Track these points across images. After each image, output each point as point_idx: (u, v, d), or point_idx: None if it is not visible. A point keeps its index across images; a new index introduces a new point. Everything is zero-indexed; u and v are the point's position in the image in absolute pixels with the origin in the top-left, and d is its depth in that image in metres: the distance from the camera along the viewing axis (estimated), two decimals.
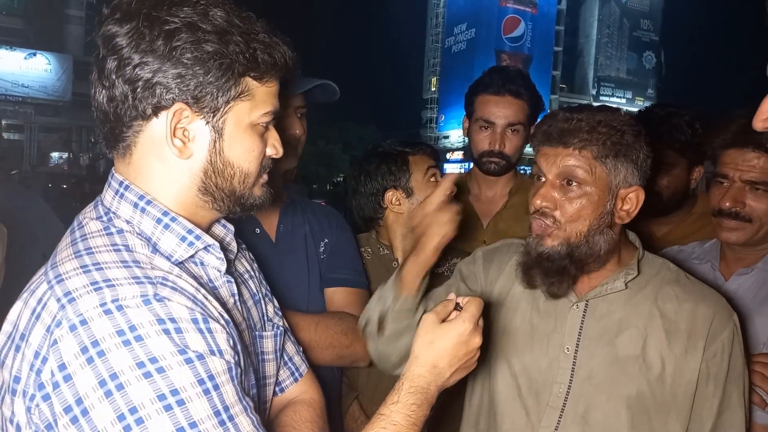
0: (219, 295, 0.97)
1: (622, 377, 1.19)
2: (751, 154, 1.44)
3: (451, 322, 1.03)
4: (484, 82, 2.00)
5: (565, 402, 1.22)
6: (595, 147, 1.16)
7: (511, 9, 50.33)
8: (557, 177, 1.19)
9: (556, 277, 1.20)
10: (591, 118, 1.17)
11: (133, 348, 0.76)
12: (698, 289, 1.26)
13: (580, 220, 1.18)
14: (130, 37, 0.85)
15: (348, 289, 1.63)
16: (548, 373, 1.24)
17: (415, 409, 0.96)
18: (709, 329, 1.18)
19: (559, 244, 1.19)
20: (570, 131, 1.17)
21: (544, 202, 1.19)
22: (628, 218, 1.21)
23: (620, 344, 1.21)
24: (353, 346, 1.53)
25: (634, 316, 1.22)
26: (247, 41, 0.89)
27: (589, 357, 1.22)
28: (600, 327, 1.23)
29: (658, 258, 1.32)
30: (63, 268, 0.83)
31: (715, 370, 1.18)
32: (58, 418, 0.76)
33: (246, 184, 0.96)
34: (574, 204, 1.18)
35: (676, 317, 1.21)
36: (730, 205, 1.47)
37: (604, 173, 1.17)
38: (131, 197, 0.91)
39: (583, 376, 1.21)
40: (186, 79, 0.86)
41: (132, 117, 0.88)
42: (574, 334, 1.24)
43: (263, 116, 0.95)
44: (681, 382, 1.17)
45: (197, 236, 0.93)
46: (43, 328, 0.78)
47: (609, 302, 1.24)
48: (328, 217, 1.73)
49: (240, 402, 0.83)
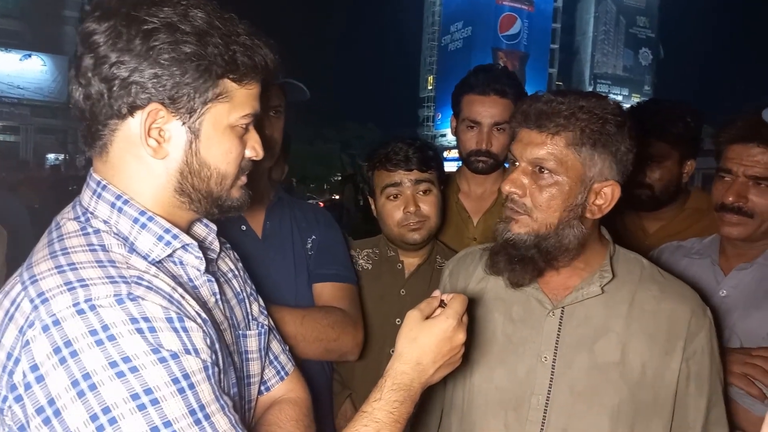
0: (199, 295, 0.96)
1: (602, 385, 1.15)
2: (756, 150, 1.44)
3: (435, 319, 1.03)
4: (470, 82, 1.99)
5: (545, 414, 1.17)
6: (571, 133, 1.09)
7: (508, 7, 50.41)
8: (529, 163, 1.13)
9: (519, 266, 1.16)
10: (573, 102, 1.11)
11: (105, 348, 0.75)
12: (674, 287, 1.22)
13: (550, 211, 1.13)
14: (108, 36, 0.85)
15: (336, 284, 1.62)
16: (525, 385, 1.20)
17: (397, 406, 0.95)
18: (688, 328, 1.15)
19: (526, 233, 1.14)
20: (547, 114, 1.11)
21: (513, 188, 1.14)
22: (599, 214, 1.16)
23: (599, 350, 1.17)
24: (341, 339, 1.51)
25: (612, 320, 1.18)
26: (227, 43, 0.89)
27: (568, 366, 1.18)
28: (578, 334, 1.18)
29: (630, 253, 1.28)
30: (38, 268, 0.82)
31: (696, 369, 1.15)
32: (31, 420, 0.75)
33: (223, 185, 0.95)
34: (543, 193, 1.12)
35: (655, 319, 1.17)
36: (733, 199, 1.47)
37: (579, 162, 1.11)
38: (108, 197, 0.91)
39: (563, 385, 1.17)
40: (162, 80, 0.86)
41: (108, 116, 0.88)
42: (551, 342, 1.19)
43: (242, 118, 0.94)
44: (662, 385, 1.15)
45: (174, 235, 0.92)
46: (16, 329, 0.78)
47: (586, 307, 1.19)
48: (316, 214, 1.73)
49: (217, 401, 0.83)
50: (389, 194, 1.73)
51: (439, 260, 1.83)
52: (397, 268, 1.81)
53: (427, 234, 1.74)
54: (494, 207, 2.05)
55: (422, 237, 1.73)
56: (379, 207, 1.77)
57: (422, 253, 1.81)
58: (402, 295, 1.77)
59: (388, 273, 1.81)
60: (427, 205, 1.72)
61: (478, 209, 2.07)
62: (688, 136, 1.89)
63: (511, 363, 1.22)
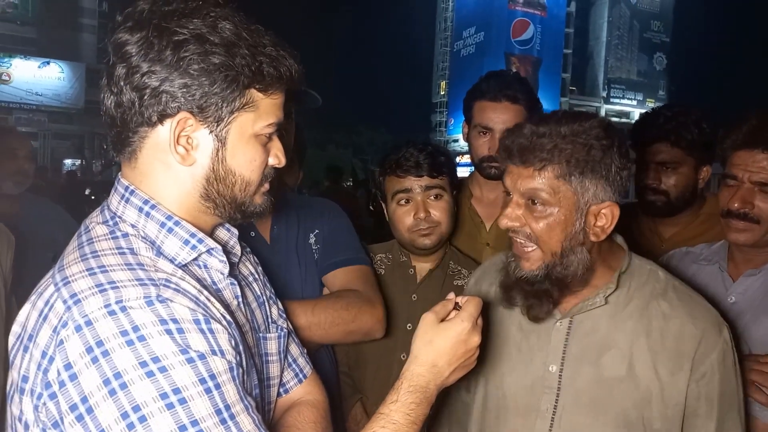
0: (222, 297, 0.98)
1: (608, 399, 1.14)
2: (761, 156, 1.43)
3: (450, 321, 1.04)
4: (481, 88, 2.00)
5: (551, 424, 1.18)
6: (558, 165, 1.07)
7: (520, 12, 50.29)
8: (521, 197, 1.13)
9: (536, 300, 1.16)
10: (555, 131, 1.08)
11: (136, 348, 0.78)
12: (687, 305, 1.18)
13: (552, 240, 1.12)
14: (140, 46, 0.88)
15: (347, 268, 1.60)
16: (533, 393, 1.20)
17: (414, 407, 0.97)
18: (696, 350, 1.13)
19: (537, 268, 1.14)
20: (530, 149, 1.09)
21: (510, 222, 1.14)
22: (603, 234, 1.14)
23: (605, 364, 1.16)
24: (359, 319, 1.49)
25: (618, 334, 1.17)
26: (253, 54, 0.91)
27: (574, 377, 1.18)
28: (584, 345, 1.18)
29: (647, 264, 1.25)
30: (69, 270, 0.85)
31: (706, 391, 1.13)
32: (64, 416, 0.78)
33: (247, 191, 0.98)
34: (540, 223, 1.11)
35: (661, 336, 1.15)
36: (738, 206, 1.47)
37: (570, 191, 1.09)
38: (136, 202, 0.93)
39: (569, 396, 1.17)
40: (192, 89, 0.88)
41: (138, 123, 0.91)
42: (558, 352, 1.19)
43: (267, 127, 0.97)
44: (669, 404, 1.13)
45: (200, 240, 0.95)
46: (50, 329, 0.81)
47: (593, 319, 1.19)
48: (320, 208, 1.72)
49: (241, 401, 0.85)
50: (400, 200, 1.74)
51: (452, 265, 1.84)
52: (408, 273, 1.82)
53: (438, 239, 1.75)
54: None
55: (433, 242, 1.74)
56: (390, 212, 1.79)
57: (434, 258, 1.82)
58: (414, 300, 1.78)
59: (400, 278, 1.82)
60: (438, 210, 1.74)
61: (491, 215, 2.08)
62: (703, 142, 1.88)
63: (520, 371, 1.23)
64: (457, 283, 1.80)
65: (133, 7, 0.91)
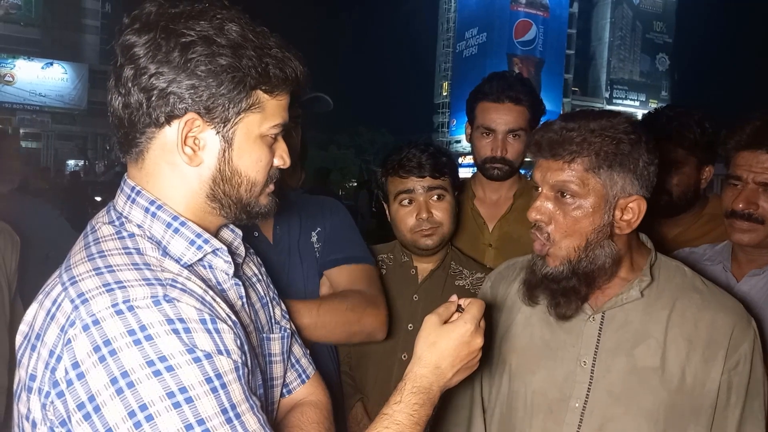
0: (227, 298, 0.99)
1: (640, 389, 1.16)
2: (764, 156, 1.45)
3: (453, 323, 1.05)
4: (484, 89, 2.01)
5: (581, 418, 1.19)
6: (587, 158, 1.10)
7: (523, 13, 50.21)
8: (551, 189, 1.15)
9: (563, 298, 1.18)
10: (584, 126, 1.12)
11: (143, 347, 0.79)
12: (717, 297, 1.21)
13: (576, 234, 1.14)
14: (148, 48, 0.88)
15: (349, 267, 1.61)
16: (564, 389, 1.21)
17: (417, 408, 0.98)
18: (730, 339, 1.15)
19: (560, 264, 1.16)
20: (559, 142, 1.12)
21: (538, 215, 1.16)
22: (628, 229, 1.16)
23: (639, 355, 1.17)
24: (363, 321, 1.50)
25: (652, 325, 1.18)
26: (259, 56, 0.92)
27: (607, 370, 1.19)
28: (617, 338, 1.19)
29: (671, 261, 1.28)
30: (76, 270, 0.86)
31: (737, 380, 1.14)
32: (72, 415, 0.79)
33: (253, 192, 0.99)
34: (569, 216, 1.14)
35: (695, 326, 1.16)
36: (743, 206, 1.48)
37: (599, 184, 1.12)
38: (142, 202, 0.94)
39: (601, 389, 1.18)
40: (199, 90, 0.89)
41: (145, 124, 0.91)
42: (591, 346, 1.20)
43: (272, 128, 0.98)
44: (701, 393, 1.14)
45: (205, 240, 0.96)
46: (58, 328, 0.81)
47: (626, 312, 1.20)
48: (322, 206, 1.72)
49: (247, 400, 0.85)
50: (402, 200, 1.75)
51: (454, 266, 1.84)
52: (410, 274, 1.82)
53: (440, 240, 1.76)
54: (509, 213, 2.07)
55: (435, 243, 1.75)
56: (392, 213, 1.80)
57: (436, 259, 1.83)
58: (415, 300, 1.79)
59: (401, 278, 1.82)
60: (440, 211, 1.74)
61: (494, 215, 2.09)
62: (705, 142, 1.89)
63: (549, 367, 1.24)
64: (458, 284, 1.81)
65: (140, 10, 0.92)
